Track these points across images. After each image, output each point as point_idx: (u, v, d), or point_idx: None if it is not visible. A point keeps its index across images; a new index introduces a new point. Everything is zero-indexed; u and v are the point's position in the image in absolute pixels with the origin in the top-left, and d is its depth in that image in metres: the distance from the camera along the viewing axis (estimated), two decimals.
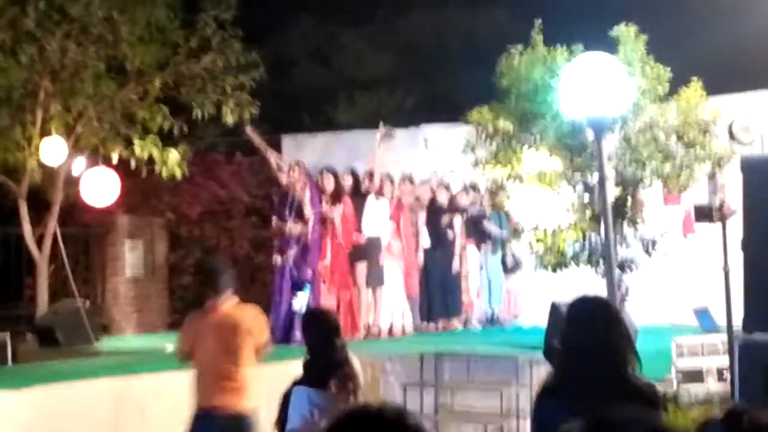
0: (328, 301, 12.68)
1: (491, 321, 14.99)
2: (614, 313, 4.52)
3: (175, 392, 10.24)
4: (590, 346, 4.38)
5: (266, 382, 6.42)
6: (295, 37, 24.03)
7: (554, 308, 11.22)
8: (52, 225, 13.68)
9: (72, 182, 13.65)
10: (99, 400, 9.72)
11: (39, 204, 13.98)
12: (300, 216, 12.59)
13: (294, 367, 6.00)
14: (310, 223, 12.61)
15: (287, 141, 17.27)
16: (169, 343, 12.74)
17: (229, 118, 14.44)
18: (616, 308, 4.61)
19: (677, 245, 14.13)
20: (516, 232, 13.96)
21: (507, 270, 15.11)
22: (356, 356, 6.71)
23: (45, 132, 13.32)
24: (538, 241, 12.01)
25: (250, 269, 17.24)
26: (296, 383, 5.87)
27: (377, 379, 10.92)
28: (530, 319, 14.71)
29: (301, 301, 12.25)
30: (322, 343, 5.87)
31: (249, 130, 13.36)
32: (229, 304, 7.31)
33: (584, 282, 11.24)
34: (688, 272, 14.38)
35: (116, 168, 13.65)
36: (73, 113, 13.51)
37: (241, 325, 7.18)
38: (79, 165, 13.55)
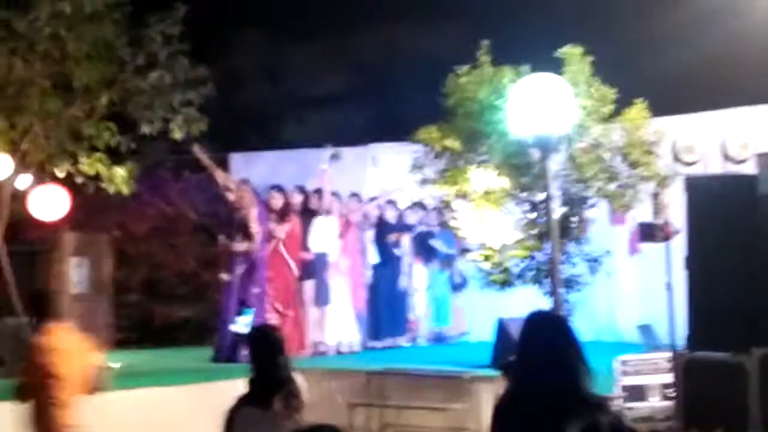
0: (274, 318, 12.66)
1: (438, 338, 15.05)
2: (567, 328, 4.60)
3: (120, 412, 10.19)
4: (545, 359, 4.46)
5: (212, 400, 6.40)
6: (244, 54, 24.01)
7: (501, 325, 11.31)
8: None
9: (17, 198, 13.53)
10: None
11: None
12: (246, 234, 12.57)
13: (239, 386, 5.98)
14: (257, 241, 12.59)
15: (236, 158, 17.24)
16: (114, 362, 12.66)
17: (177, 134, 14.36)
18: (569, 323, 4.69)
19: (622, 263, 14.27)
20: (463, 250, 14.02)
21: (454, 287, 15.19)
22: (303, 374, 6.71)
23: None
24: (485, 259, 12.07)
25: (197, 287, 17.16)
26: (241, 401, 5.85)
27: (324, 397, 10.91)
28: (477, 335, 14.79)
29: (243, 324, 12.21)
30: (266, 361, 5.85)
31: (196, 149, 13.31)
32: (57, 330, 7.36)
33: (530, 300, 11.31)
34: (632, 290, 14.53)
35: (63, 185, 13.55)
36: (19, 130, 13.39)
37: (67, 350, 7.26)
38: (24, 181, 13.44)
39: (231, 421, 5.78)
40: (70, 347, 7.29)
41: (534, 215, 11.81)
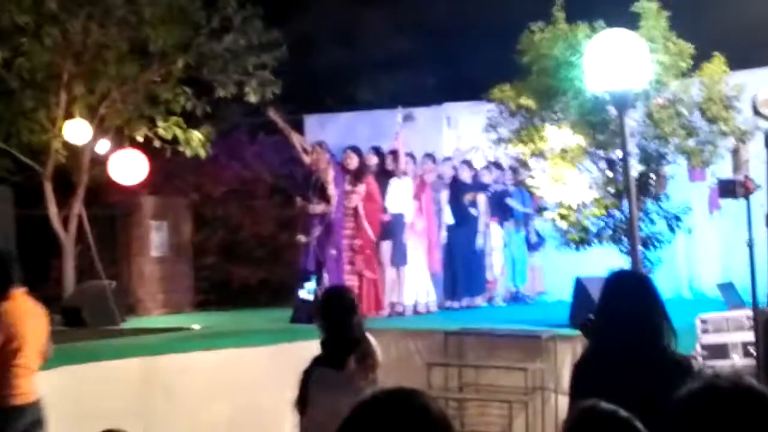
0: (352, 279, 12.73)
1: (515, 298, 15.02)
2: (651, 287, 4.57)
3: (201, 371, 10.35)
4: (628, 318, 4.45)
5: (292, 360, 6.45)
6: (317, 17, 23.98)
7: (579, 284, 11.25)
8: (78, 206, 13.78)
9: (97, 163, 13.74)
10: (125, 380, 9.81)
11: (64, 185, 14.08)
12: (323, 196, 12.61)
13: (318, 347, 6.03)
14: (333, 203, 12.64)
15: (310, 120, 17.29)
16: (195, 324, 12.85)
17: (252, 98, 14.49)
18: (653, 282, 4.65)
19: (702, 221, 14.10)
20: (539, 210, 13.95)
21: (530, 247, 15.13)
22: (381, 334, 6.75)
23: (69, 114, 13.40)
24: (561, 218, 12.00)
25: (274, 248, 17.30)
26: (315, 362, 5.89)
27: (402, 357, 10.96)
28: (554, 295, 14.74)
29: (307, 290, 12.29)
30: (338, 322, 5.87)
31: (272, 112, 13.35)
32: (18, 295, 7.26)
33: (608, 259, 11.24)
34: (713, 248, 14.36)
35: (140, 149, 13.73)
36: (97, 95, 13.58)
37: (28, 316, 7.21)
38: (103, 146, 13.63)
39: (305, 381, 5.82)
40: (30, 313, 7.27)
41: (611, 173, 11.70)
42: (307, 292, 12.25)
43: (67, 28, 13.10)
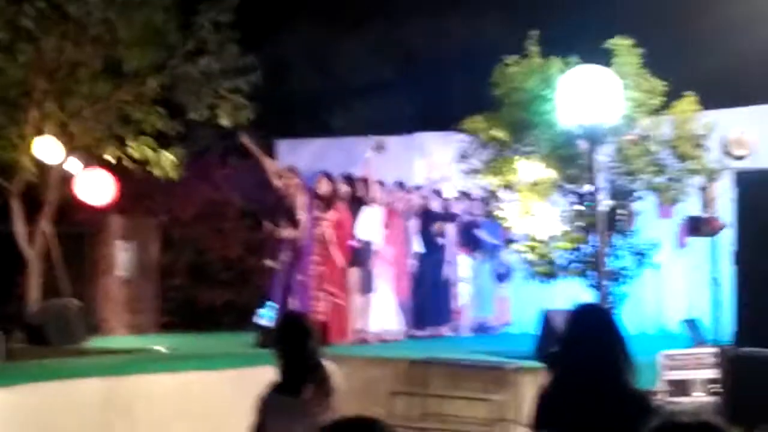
0: (318, 305, 12.70)
1: (481, 328, 15.03)
2: (613, 321, 4.59)
3: (163, 394, 10.28)
4: (590, 352, 4.47)
5: (255, 384, 6.42)
6: (292, 42, 24.01)
7: (545, 316, 11.27)
8: (45, 223, 13.70)
9: (66, 181, 13.68)
10: (88, 400, 9.74)
11: (32, 202, 13.99)
12: (292, 221, 12.60)
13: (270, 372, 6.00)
14: (303, 228, 12.63)
15: (282, 145, 17.27)
16: (159, 345, 12.77)
17: (224, 121, 14.49)
18: (615, 317, 4.67)
19: (669, 257, 14.17)
20: (508, 241, 13.98)
21: (498, 278, 15.15)
22: (345, 361, 6.73)
23: (39, 131, 13.35)
24: (530, 250, 12.03)
25: (242, 272, 17.25)
26: (272, 389, 5.85)
27: (366, 385, 10.92)
28: (520, 327, 14.75)
29: (266, 317, 12.24)
30: (295, 348, 5.83)
31: (244, 137, 13.34)
32: None
33: (575, 292, 11.26)
34: (679, 284, 14.42)
35: (110, 169, 13.68)
36: (69, 113, 13.53)
37: None
38: (73, 164, 13.57)
39: (262, 408, 5.78)
40: None
41: (580, 207, 11.75)
42: (262, 317, 12.23)
43: (41, 46, 13.06)
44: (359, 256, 13.26)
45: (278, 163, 14.44)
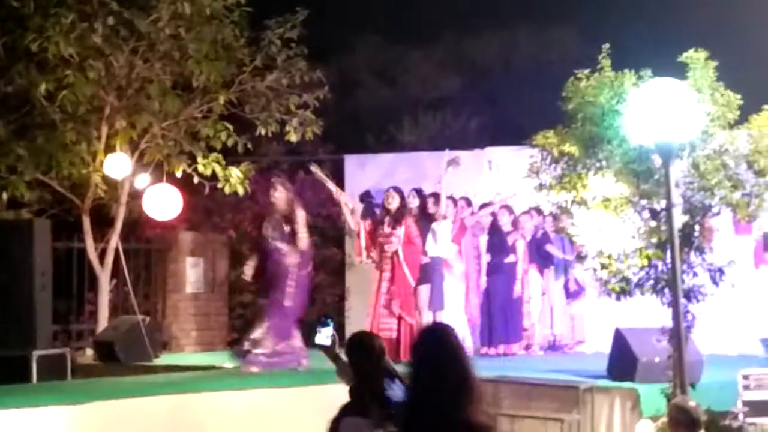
0: (389, 323, 12.59)
1: (553, 347, 14.81)
2: (450, 341, 4.35)
3: (232, 411, 10.21)
4: (429, 374, 4.25)
5: (325, 402, 6.32)
6: (360, 57, 24.05)
7: (618, 335, 11.06)
8: (115, 240, 13.75)
9: (135, 198, 13.72)
10: (156, 417, 9.71)
11: (102, 219, 14.06)
12: (294, 241, 12.10)
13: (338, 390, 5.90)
14: (303, 246, 12.18)
15: (350, 160, 17.22)
16: (228, 362, 12.74)
17: (293, 137, 14.47)
18: (453, 337, 4.43)
19: (746, 275, 13.86)
20: (580, 258, 13.76)
21: (570, 295, 14.92)
22: None
23: (109, 148, 13.40)
24: (602, 267, 11.80)
25: (310, 289, 17.16)
26: (342, 410, 5.73)
27: None
28: (593, 345, 14.50)
29: (325, 336, 12.09)
30: (363, 368, 5.73)
31: (314, 168, 13.31)
32: None
33: (649, 309, 11.05)
34: (756, 302, 14.10)
35: (179, 185, 13.70)
36: (138, 129, 13.58)
37: None
38: (142, 181, 13.61)
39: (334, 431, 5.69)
40: None
41: (654, 223, 11.50)
42: (325, 338, 12.07)
43: (112, 62, 13.12)
44: (429, 272, 13.12)
45: (347, 179, 14.37)
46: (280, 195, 12.02)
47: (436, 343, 4.40)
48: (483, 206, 14.48)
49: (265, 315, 11.98)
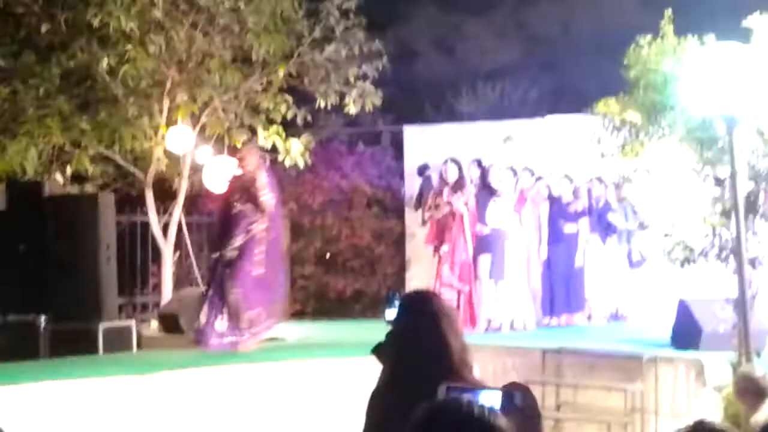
0: (447, 293, 12.58)
1: (615, 317, 14.72)
2: (434, 306, 4.29)
3: (293, 380, 10.30)
4: (412, 342, 4.21)
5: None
6: (418, 27, 23.96)
7: (682, 305, 10.98)
8: (177, 213, 13.86)
9: (197, 171, 13.82)
10: (220, 387, 9.82)
11: (164, 192, 14.18)
12: (257, 205, 11.52)
13: None
14: (268, 211, 11.52)
15: (410, 131, 17.19)
16: (289, 333, 12.82)
17: (352, 108, 14.47)
18: (448, 305, 4.37)
19: None
20: (642, 226, 13.64)
21: (633, 264, 14.80)
22: (477, 350, 6.60)
23: (171, 121, 13.49)
24: (665, 235, 11.70)
25: (370, 259, 17.24)
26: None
27: (498, 374, 10.78)
28: (656, 315, 14.40)
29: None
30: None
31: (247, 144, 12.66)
32: None
33: (713, 278, 10.95)
34: None
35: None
36: (199, 103, 13.65)
37: None
38: (203, 154, 13.70)
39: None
40: None
41: (719, 191, 11.38)
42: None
43: (172, 36, 13.19)
44: (489, 243, 13.09)
45: (407, 148, 14.27)
46: (250, 159, 11.69)
47: (420, 304, 4.37)
48: (544, 175, 14.38)
49: (233, 287, 11.32)
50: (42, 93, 12.98)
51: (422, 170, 15.70)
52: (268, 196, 11.39)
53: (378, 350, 4.59)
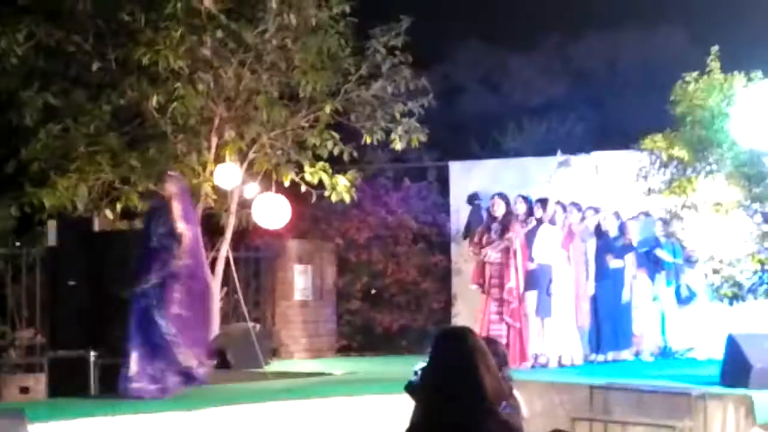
0: (499, 329, 12.59)
1: (663, 353, 14.62)
2: (471, 341, 4.28)
3: (343, 418, 10.31)
4: (449, 378, 4.16)
5: None
6: (464, 63, 24.05)
7: (731, 341, 10.89)
8: (225, 249, 13.94)
9: (244, 207, 13.92)
10: (269, 423, 9.85)
11: (212, 228, 14.27)
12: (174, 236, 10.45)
13: None
14: (185, 243, 10.36)
15: (455, 167, 17.25)
16: (337, 368, 12.85)
17: (398, 145, 14.53)
18: (482, 342, 4.34)
19: None
20: (690, 262, 13.58)
21: (681, 301, 14.71)
22: (525, 386, 6.61)
23: (219, 158, 13.61)
24: (714, 272, 11.66)
25: (416, 295, 17.25)
26: None
27: (546, 410, 10.74)
28: (704, 351, 14.29)
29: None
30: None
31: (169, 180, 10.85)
32: None
33: (762, 313, 10.88)
34: None
35: (287, 193, 13.86)
36: (247, 139, 13.77)
37: None
38: (251, 190, 13.80)
39: None
40: None
41: (767, 227, 11.33)
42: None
43: (220, 74, 13.34)
44: (536, 279, 13.07)
45: (452, 185, 14.27)
46: (168, 187, 10.55)
47: (457, 339, 4.34)
48: (591, 211, 14.34)
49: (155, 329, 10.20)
50: (93, 130, 13.16)
51: (471, 199, 15.73)
52: (182, 227, 10.29)
53: (411, 387, 4.61)
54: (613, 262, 13.90)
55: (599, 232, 14.08)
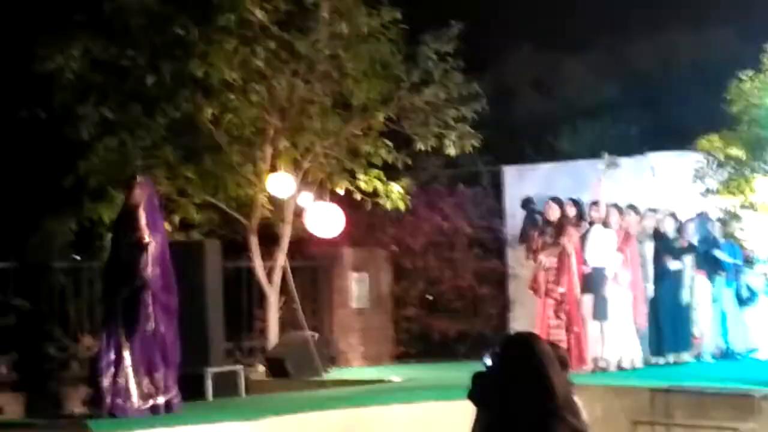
0: (558, 334, 12.53)
1: (725, 354, 14.46)
2: (536, 348, 4.25)
3: (403, 425, 10.31)
4: (516, 384, 4.17)
5: None
6: (515, 67, 23.96)
7: None
8: (281, 258, 14.03)
9: (299, 216, 13.98)
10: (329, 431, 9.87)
11: (268, 238, 14.36)
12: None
13: None
14: (151, 249, 9.83)
15: (509, 172, 17.18)
16: (395, 375, 12.86)
17: (451, 150, 14.52)
18: (548, 346, 4.32)
19: None
20: (750, 263, 13.43)
21: (742, 302, 14.55)
22: (585, 390, 6.56)
23: (273, 167, 13.70)
24: None
25: (473, 301, 17.20)
26: None
27: (607, 414, 10.67)
28: (767, 352, 14.13)
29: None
30: None
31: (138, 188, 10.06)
32: None
33: None
34: None
35: (341, 202, 13.90)
36: (301, 149, 13.84)
37: None
38: (306, 199, 13.86)
39: None
40: None
41: None
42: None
43: (273, 84, 13.41)
44: (592, 282, 12.99)
45: (506, 190, 14.22)
46: (135, 193, 9.94)
47: (523, 346, 4.35)
48: (648, 213, 14.22)
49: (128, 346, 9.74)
50: (148, 143, 13.29)
51: (526, 203, 15.65)
52: (146, 235, 9.77)
53: (474, 394, 4.59)
54: (672, 264, 13.77)
55: (657, 233, 13.96)
